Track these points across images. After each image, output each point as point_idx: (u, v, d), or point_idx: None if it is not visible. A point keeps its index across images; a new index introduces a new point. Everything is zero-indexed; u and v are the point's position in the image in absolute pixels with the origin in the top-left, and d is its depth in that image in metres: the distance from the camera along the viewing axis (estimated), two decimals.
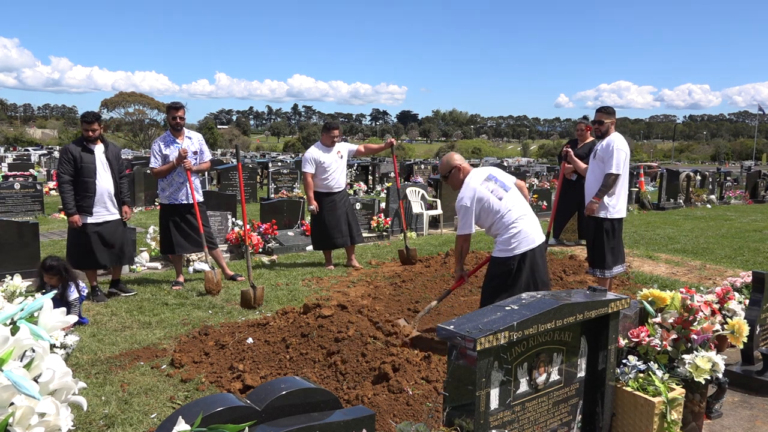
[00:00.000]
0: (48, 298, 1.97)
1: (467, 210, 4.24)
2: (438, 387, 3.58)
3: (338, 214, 7.11)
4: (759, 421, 3.52)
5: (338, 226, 7.12)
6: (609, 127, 5.56)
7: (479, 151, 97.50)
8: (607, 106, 5.70)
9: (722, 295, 4.46)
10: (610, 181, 5.38)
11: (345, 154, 7.22)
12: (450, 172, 4.46)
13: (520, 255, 4.17)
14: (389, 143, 7.36)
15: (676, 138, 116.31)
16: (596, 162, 5.58)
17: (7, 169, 21.67)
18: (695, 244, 9.53)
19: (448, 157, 4.54)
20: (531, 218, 4.29)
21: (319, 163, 6.98)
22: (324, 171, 6.99)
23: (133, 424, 3.26)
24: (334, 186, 7.09)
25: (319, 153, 7.01)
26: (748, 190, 19.72)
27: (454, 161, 4.47)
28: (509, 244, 4.20)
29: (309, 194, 7.04)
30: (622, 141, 5.48)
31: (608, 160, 5.41)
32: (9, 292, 4.51)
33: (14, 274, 4.86)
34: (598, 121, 5.60)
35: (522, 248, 4.17)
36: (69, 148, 5.73)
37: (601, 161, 5.49)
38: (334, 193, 7.11)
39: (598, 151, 5.57)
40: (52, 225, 10.97)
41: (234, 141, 79.25)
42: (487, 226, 4.32)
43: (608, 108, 5.68)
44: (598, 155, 5.55)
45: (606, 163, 5.43)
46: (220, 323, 4.99)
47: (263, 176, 20.57)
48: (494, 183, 4.30)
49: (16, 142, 70.41)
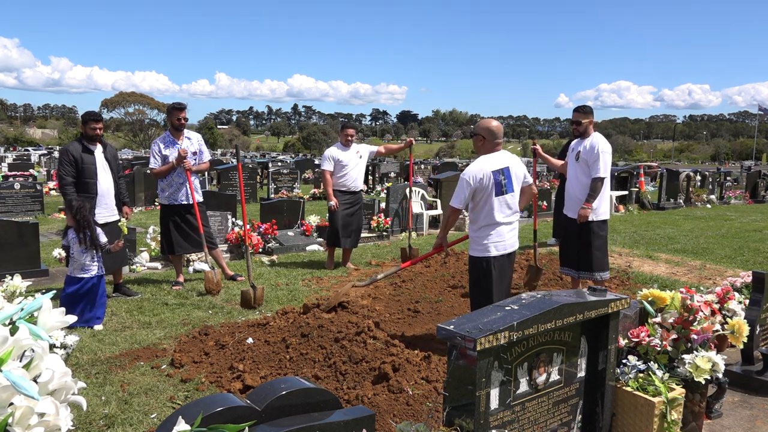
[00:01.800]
0: (48, 298, 1.97)
1: (467, 186, 4.22)
2: (438, 387, 3.58)
3: (351, 216, 7.22)
4: (759, 421, 3.52)
5: (347, 228, 7.20)
6: (587, 127, 5.45)
7: None
8: (584, 105, 5.56)
9: (722, 295, 4.46)
10: (598, 185, 5.28)
11: (365, 154, 7.36)
12: (475, 135, 4.38)
13: (493, 258, 4.23)
14: (408, 143, 7.62)
15: (676, 138, 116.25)
16: (580, 165, 5.43)
17: (7, 169, 21.67)
18: (695, 244, 9.53)
19: (487, 123, 4.40)
20: (511, 226, 4.34)
21: (338, 161, 7.15)
22: (342, 169, 7.17)
23: (133, 424, 3.26)
24: (350, 185, 7.24)
25: (338, 152, 7.19)
26: (748, 190, 19.73)
27: (485, 129, 4.33)
28: (481, 243, 4.27)
29: (328, 191, 7.20)
30: (605, 142, 5.37)
31: (594, 163, 5.29)
32: (9, 292, 4.51)
33: (14, 274, 4.87)
34: (576, 121, 5.49)
35: (493, 252, 4.24)
36: (69, 149, 5.69)
37: (585, 164, 5.37)
38: (351, 193, 7.26)
39: (581, 153, 5.41)
40: (52, 225, 10.96)
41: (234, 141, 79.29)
42: (471, 208, 4.34)
43: (585, 107, 5.54)
44: (581, 157, 5.41)
45: (591, 166, 5.31)
46: (220, 323, 4.99)
47: (263, 176, 20.59)
48: (504, 178, 4.26)
49: (16, 142, 70.41)
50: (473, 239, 4.35)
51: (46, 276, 6.77)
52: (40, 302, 1.96)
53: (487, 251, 4.26)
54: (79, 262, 4.99)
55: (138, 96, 75.53)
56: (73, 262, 5.01)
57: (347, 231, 7.26)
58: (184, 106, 6.37)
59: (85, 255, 5.00)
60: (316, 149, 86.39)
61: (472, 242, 4.37)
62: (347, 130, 7.29)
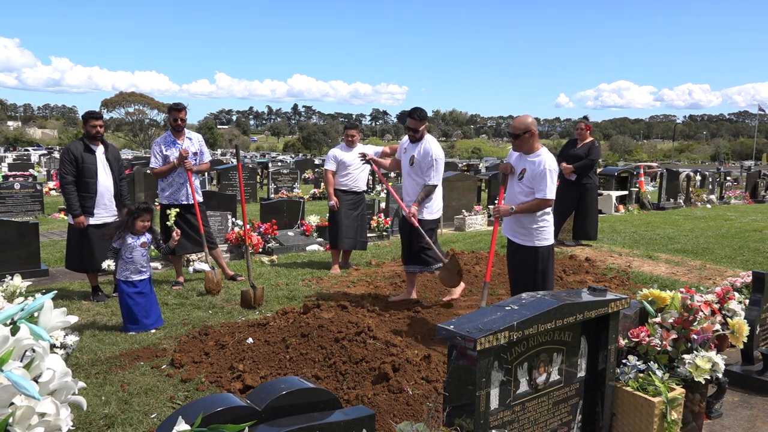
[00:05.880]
0: (49, 298, 1.98)
1: (555, 175, 4.36)
2: (438, 387, 3.58)
3: (352, 217, 7.22)
4: (759, 421, 3.52)
5: (348, 228, 7.21)
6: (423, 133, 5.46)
7: (479, 150, 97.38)
8: (418, 109, 5.41)
9: (722, 295, 4.46)
10: (431, 190, 5.45)
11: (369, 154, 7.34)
12: (524, 134, 4.36)
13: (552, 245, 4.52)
14: None
15: (676, 138, 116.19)
16: (414, 169, 5.47)
17: (7, 169, 21.68)
18: (695, 244, 9.54)
19: (529, 119, 4.40)
20: None
21: (340, 161, 7.18)
22: (344, 168, 7.20)
23: (133, 424, 3.26)
24: (352, 185, 7.26)
25: (341, 152, 7.23)
26: (748, 190, 19.73)
27: (533, 124, 4.38)
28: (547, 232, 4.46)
29: (329, 190, 7.23)
30: (438, 148, 5.46)
31: (428, 170, 5.41)
32: (9, 292, 4.51)
33: (14, 274, 4.87)
34: (414, 128, 5.40)
35: (551, 239, 4.51)
36: (71, 148, 5.72)
37: (419, 168, 5.44)
38: (352, 193, 7.27)
39: (415, 158, 5.44)
40: (52, 225, 10.97)
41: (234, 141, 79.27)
42: None
43: (420, 112, 5.40)
44: (416, 162, 5.44)
45: (425, 173, 5.42)
46: (220, 323, 4.99)
47: (263, 176, 20.59)
48: None
49: (16, 142, 70.44)
50: (537, 230, 4.39)
51: (46, 276, 6.78)
52: (41, 302, 1.96)
53: (549, 238, 4.43)
54: (136, 266, 4.89)
55: (138, 96, 75.57)
56: (127, 266, 4.88)
57: (348, 231, 7.26)
58: (182, 106, 6.37)
59: (145, 257, 4.96)
60: (316, 149, 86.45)
61: (535, 233, 4.40)
62: (349, 131, 7.33)
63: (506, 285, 5.86)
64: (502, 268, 6.40)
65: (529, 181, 4.36)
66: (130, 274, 4.88)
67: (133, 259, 4.88)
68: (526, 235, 4.43)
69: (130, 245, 4.87)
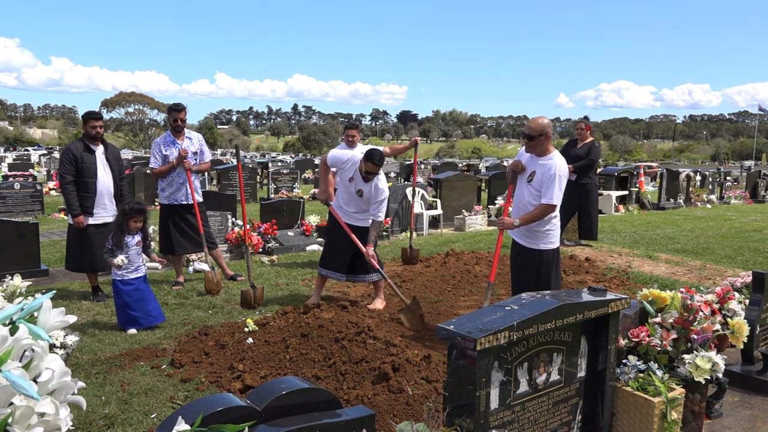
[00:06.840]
0: (48, 298, 1.97)
1: (564, 180, 4.32)
2: (438, 387, 3.58)
3: None
4: (759, 421, 3.52)
5: None
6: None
7: (479, 150, 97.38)
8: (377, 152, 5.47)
9: (722, 295, 4.46)
10: (380, 227, 5.58)
11: None
12: (540, 136, 4.32)
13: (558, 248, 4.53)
14: (413, 142, 7.62)
15: (676, 138, 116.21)
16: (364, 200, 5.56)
17: (7, 169, 21.67)
18: (695, 244, 9.53)
19: (545, 120, 4.37)
20: None
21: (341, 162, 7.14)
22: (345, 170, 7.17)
23: (133, 424, 3.26)
24: None
25: (340, 152, 7.17)
26: (748, 190, 19.72)
27: (548, 126, 4.38)
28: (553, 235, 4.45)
29: (329, 191, 7.18)
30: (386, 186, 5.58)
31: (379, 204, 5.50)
32: (9, 292, 4.51)
33: (14, 274, 4.87)
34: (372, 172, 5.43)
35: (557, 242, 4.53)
36: (71, 148, 5.72)
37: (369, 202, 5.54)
38: None
39: (364, 191, 5.55)
40: (52, 225, 10.96)
41: (234, 141, 79.29)
42: None
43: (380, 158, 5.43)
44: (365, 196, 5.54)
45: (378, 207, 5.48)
46: (220, 323, 4.99)
47: (263, 176, 20.58)
48: None
49: (16, 142, 70.45)
50: (543, 233, 4.38)
51: (46, 276, 6.77)
52: (41, 302, 1.96)
53: (555, 242, 4.43)
54: (133, 264, 4.91)
55: (138, 96, 75.65)
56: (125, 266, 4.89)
57: None
58: (182, 107, 6.37)
59: (140, 255, 4.98)
60: (316, 149, 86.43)
61: (541, 236, 4.39)
62: (349, 131, 7.31)
63: (507, 285, 5.86)
64: (502, 268, 6.39)
65: (539, 184, 4.33)
66: (126, 273, 4.90)
67: (128, 257, 4.89)
68: (531, 237, 4.42)
69: (127, 244, 4.88)
